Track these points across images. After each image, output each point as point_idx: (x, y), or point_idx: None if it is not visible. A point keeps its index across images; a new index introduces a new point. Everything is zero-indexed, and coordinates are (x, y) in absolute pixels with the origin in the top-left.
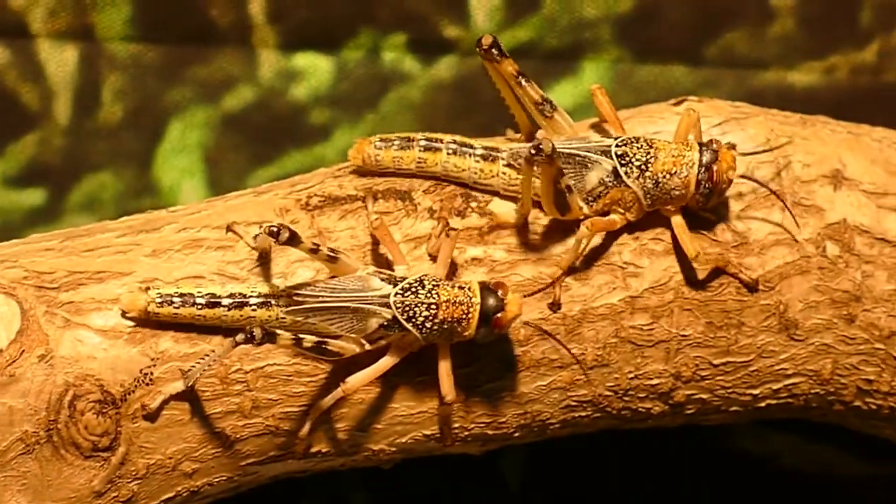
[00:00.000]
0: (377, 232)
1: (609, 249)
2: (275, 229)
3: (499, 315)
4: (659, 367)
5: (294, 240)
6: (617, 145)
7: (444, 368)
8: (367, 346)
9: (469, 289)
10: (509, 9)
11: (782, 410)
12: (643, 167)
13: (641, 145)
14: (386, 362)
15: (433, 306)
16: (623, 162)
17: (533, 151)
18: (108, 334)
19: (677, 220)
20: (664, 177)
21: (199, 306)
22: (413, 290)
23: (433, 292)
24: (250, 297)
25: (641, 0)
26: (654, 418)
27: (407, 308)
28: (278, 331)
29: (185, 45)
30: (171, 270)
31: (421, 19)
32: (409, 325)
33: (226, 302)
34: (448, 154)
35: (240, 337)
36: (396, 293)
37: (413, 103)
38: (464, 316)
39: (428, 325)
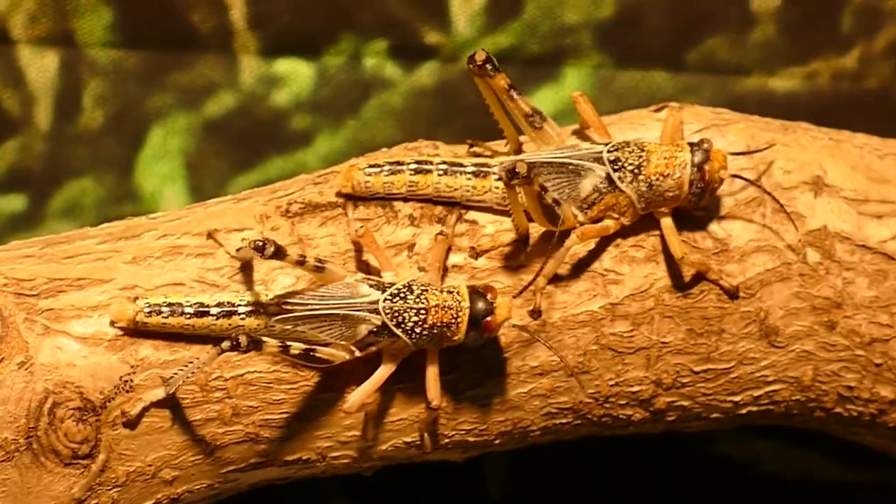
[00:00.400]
0: (362, 240)
1: (593, 256)
2: (260, 244)
3: (488, 319)
4: (640, 374)
5: (279, 253)
6: (609, 151)
7: (432, 373)
8: (357, 353)
9: (458, 293)
10: (490, 15)
11: (763, 417)
12: (636, 171)
13: (633, 149)
14: (382, 373)
15: (422, 311)
16: (616, 167)
17: (509, 175)
18: (88, 342)
19: (667, 222)
20: (657, 179)
21: (188, 315)
22: (402, 295)
23: (422, 297)
24: (239, 305)
25: (622, 6)
26: (635, 425)
27: (396, 314)
28: (265, 338)
29: (166, 51)
30: (151, 277)
31: (402, 25)
32: (398, 331)
33: (214, 311)
34: (439, 175)
35: (225, 344)
36: (385, 299)
37: (394, 109)
38: (453, 320)
39: (417, 330)
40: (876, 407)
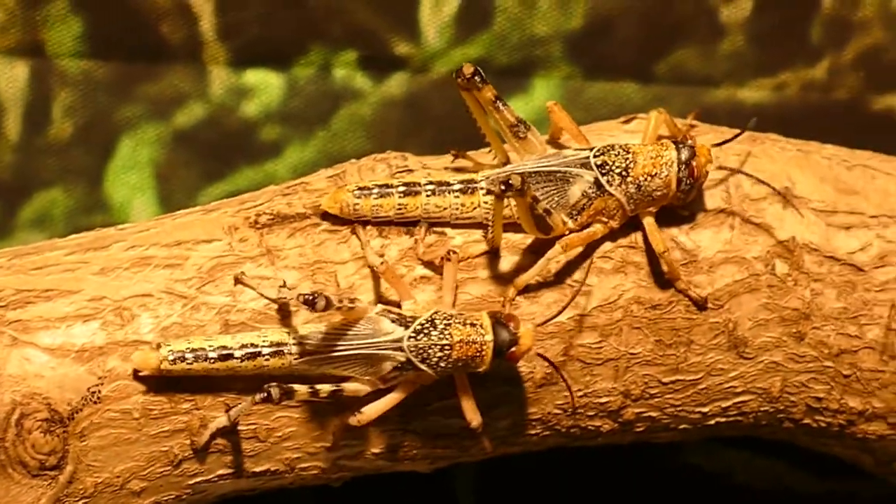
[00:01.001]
0: (384, 275)
1: (562, 267)
2: (311, 298)
3: (513, 349)
4: (608, 385)
5: (329, 305)
6: (595, 155)
7: (465, 397)
8: (381, 386)
9: (481, 325)
10: (460, 26)
11: (732, 428)
12: (624, 173)
13: (619, 152)
14: (396, 396)
15: (447, 347)
16: (604, 171)
17: (503, 188)
18: (56, 353)
19: (649, 220)
20: (645, 179)
21: (212, 360)
22: (425, 331)
23: (446, 332)
24: (262, 346)
25: (592, 17)
26: (604, 436)
27: (421, 351)
28: (295, 386)
29: (135, 61)
30: (120, 289)
31: (371, 36)
32: (423, 366)
33: (238, 354)
34: (427, 196)
35: (258, 397)
36: (409, 336)
37: (364, 120)
38: (477, 354)
39: (442, 364)
40: (844, 418)
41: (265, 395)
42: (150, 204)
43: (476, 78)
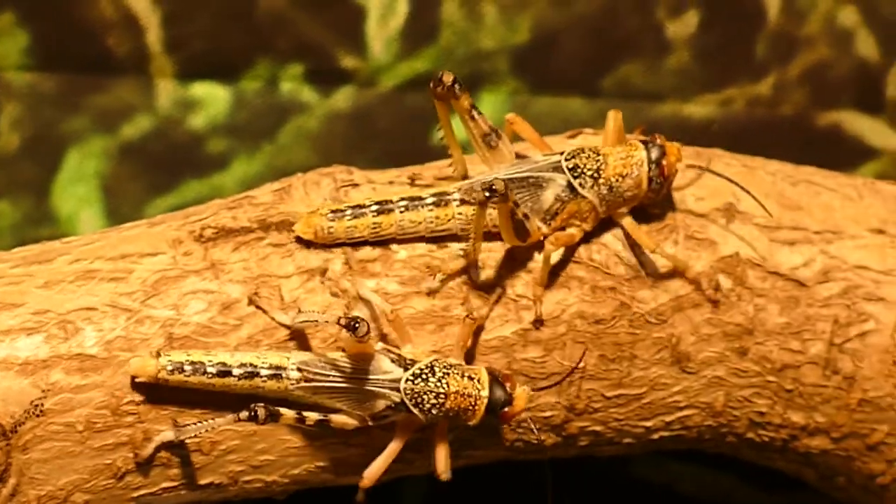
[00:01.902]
0: (393, 324)
1: (507, 282)
2: (354, 324)
3: (506, 409)
4: (552, 399)
5: (369, 333)
6: (566, 159)
7: (441, 447)
8: (370, 423)
9: (478, 380)
10: (406, 40)
11: (675, 442)
12: (595, 175)
13: (589, 154)
14: (395, 447)
15: (441, 395)
16: (576, 174)
17: (487, 194)
18: (0, 366)
19: (627, 221)
20: (617, 180)
21: (210, 375)
22: (423, 376)
23: (443, 381)
24: (261, 368)
25: (538, 32)
26: (548, 450)
27: (416, 395)
28: (282, 409)
29: (82, 74)
30: (64, 302)
31: (318, 50)
32: (415, 410)
33: (236, 372)
34: (401, 212)
35: (243, 414)
36: (407, 379)
37: (311, 133)
38: (470, 407)
39: (434, 411)
40: (787, 433)
41: (251, 414)
42: (97, 216)
43: (456, 86)
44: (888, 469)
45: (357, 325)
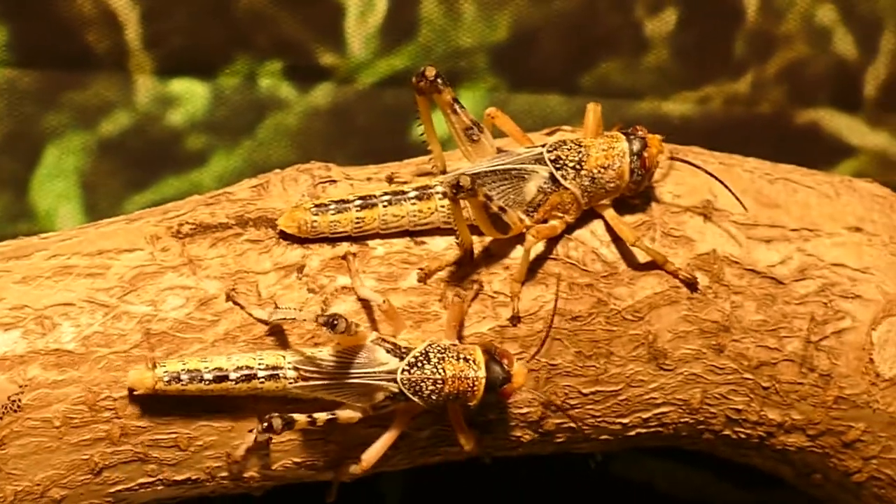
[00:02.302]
0: (386, 313)
1: (482, 278)
2: (333, 322)
3: (505, 386)
4: (528, 395)
5: (349, 329)
6: (548, 150)
7: (458, 426)
8: (371, 413)
9: (474, 361)
10: (385, 37)
11: (652, 439)
12: (577, 166)
13: (571, 146)
14: (394, 433)
15: (439, 382)
16: (558, 165)
17: (454, 190)
18: None
19: (610, 213)
20: (599, 172)
21: (207, 382)
22: (419, 364)
23: (439, 367)
24: (257, 369)
25: (516, 29)
26: (525, 446)
27: (413, 384)
28: (294, 416)
29: (61, 70)
30: (41, 298)
31: (297, 47)
32: (415, 398)
33: (233, 376)
34: (384, 206)
35: (262, 427)
36: (403, 369)
37: (289, 130)
38: (469, 389)
39: (434, 397)
40: (763, 430)
41: (268, 425)
42: (75, 212)
43: (438, 80)
44: (864, 466)
45: (336, 322)
